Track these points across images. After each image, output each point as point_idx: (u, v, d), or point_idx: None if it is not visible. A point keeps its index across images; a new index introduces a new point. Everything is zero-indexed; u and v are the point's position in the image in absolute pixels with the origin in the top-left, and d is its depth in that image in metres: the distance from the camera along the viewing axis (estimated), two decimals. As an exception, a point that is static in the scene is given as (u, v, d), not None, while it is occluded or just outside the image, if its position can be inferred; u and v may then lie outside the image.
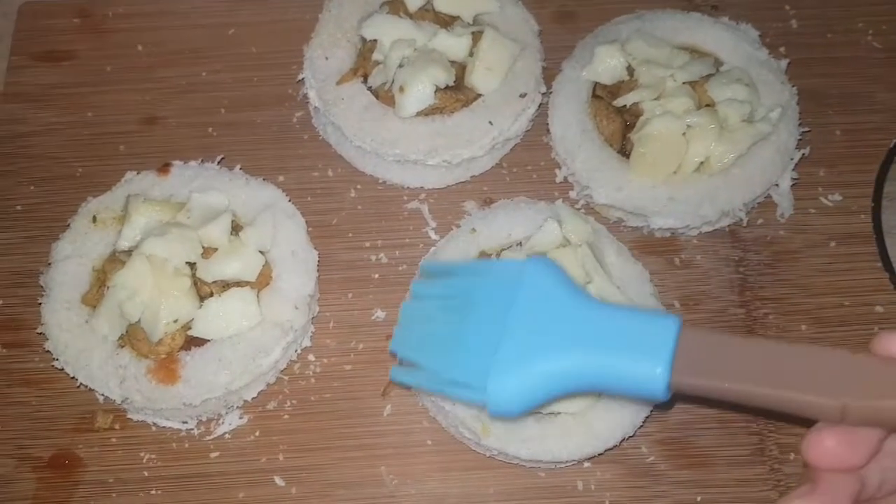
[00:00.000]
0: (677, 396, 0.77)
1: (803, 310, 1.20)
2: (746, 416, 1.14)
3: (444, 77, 1.21)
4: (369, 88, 1.25)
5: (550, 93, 1.28)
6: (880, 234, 1.24)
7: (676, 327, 0.77)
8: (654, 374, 0.76)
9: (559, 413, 1.05)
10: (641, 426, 1.08)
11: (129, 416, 1.13)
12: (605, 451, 1.07)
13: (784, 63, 1.28)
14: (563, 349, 0.81)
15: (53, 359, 1.10)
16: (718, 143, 1.16)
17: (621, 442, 1.07)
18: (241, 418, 1.14)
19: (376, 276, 1.23)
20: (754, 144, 1.19)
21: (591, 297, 0.86)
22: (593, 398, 1.05)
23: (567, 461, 1.07)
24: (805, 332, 1.18)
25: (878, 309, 1.20)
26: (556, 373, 0.81)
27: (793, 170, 1.23)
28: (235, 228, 1.14)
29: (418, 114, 1.22)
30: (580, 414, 1.05)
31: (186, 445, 1.13)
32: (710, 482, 1.11)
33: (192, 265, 1.09)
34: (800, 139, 1.23)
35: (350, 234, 1.26)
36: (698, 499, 1.10)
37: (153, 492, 1.11)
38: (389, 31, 1.24)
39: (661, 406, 0.87)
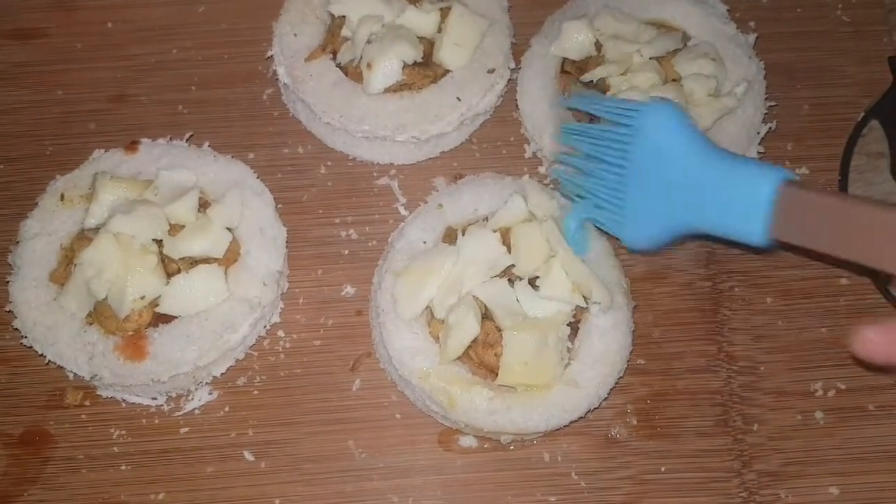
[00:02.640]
0: (777, 245, 0.90)
1: (769, 282, 1.21)
2: (711, 387, 1.15)
3: (412, 53, 1.21)
4: (338, 65, 1.25)
5: (519, 68, 1.28)
6: (846, 207, 1.24)
7: (776, 183, 0.87)
8: (754, 230, 0.88)
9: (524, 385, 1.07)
10: (606, 398, 1.10)
11: (98, 392, 1.14)
12: (571, 422, 1.08)
13: (752, 37, 1.28)
14: (680, 207, 0.96)
15: (22, 336, 1.11)
16: (683, 117, 1.17)
17: (587, 414, 1.09)
18: (210, 394, 1.15)
19: (346, 252, 1.23)
20: (720, 119, 1.19)
21: (705, 144, 0.96)
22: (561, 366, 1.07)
23: (533, 433, 1.08)
24: (770, 305, 1.20)
25: (843, 281, 1.21)
26: (675, 225, 0.98)
27: (760, 144, 1.24)
28: (203, 206, 1.14)
29: (386, 90, 1.22)
30: (545, 386, 1.06)
31: (156, 421, 1.14)
32: (674, 452, 1.12)
33: (159, 242, 1.10)
34: (766, 113, 1.23)
35: (320, 211, 1.26)
36: (663, 469, 1.12)
37: (123, 467, 1.12)
38: (357, 8, 1.24)
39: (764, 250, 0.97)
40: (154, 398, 1.14)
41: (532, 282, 1.08)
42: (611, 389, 1.09)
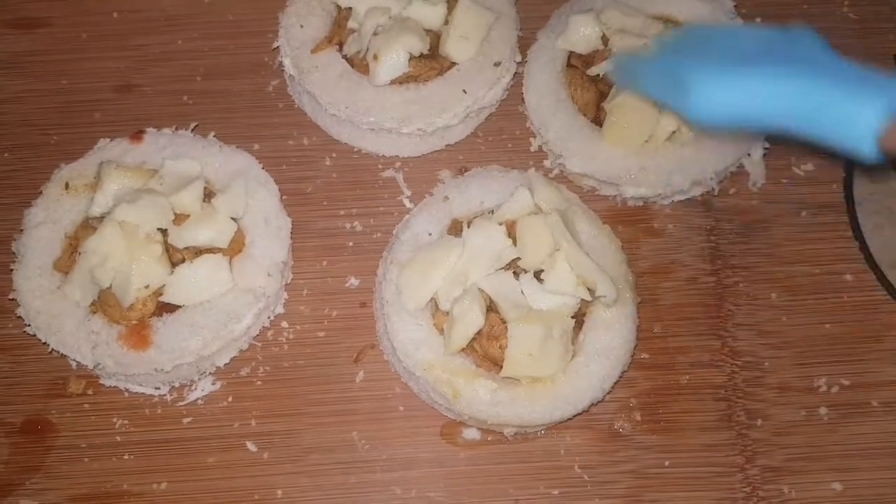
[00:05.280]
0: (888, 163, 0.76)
1: (773, 278, 1.21)
2: (715, 382, 1.15)
3: (419, 45, 1.21)
4: (344, 57, 1.25)
5: (526, 62, 1.28)
6: (851, 203, 1.24)
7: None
8: (863, 115, 0.73)
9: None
10: (610, 392, 1.09)
11: (101, 381, 1.14)
12: (575, 415, 1.08)
13: (759, 33, 1.28)
14: (781, 64, 0.78)
15: (26, 325, 1.11)
16: (690, 111, 1.17)
17: (590, 407, 1.08)
18: (213, 384, 1.15)
19: (350, 243, 1.23)
20: (726, 113, 1.19)
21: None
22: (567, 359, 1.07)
23: (536, 425, 1.08)
24: (775, 300, 1.20)
25: (848, 277, 1.21)
26: (766, 84, 0.78)
27: (765, 140, 1.23)
28: (208, 195, 1.14)
29: (392, 82, 1.22)
30: (549, 379, 1.06)
31: (159, 411, 1.14)
32: (677, 447, 1.12)
33: (163, 231, 1.10)
34: (773, 109, 1.23)
35: (325, 203, 1.26)
36: (666, 463, 1.11)
37: (125, 457, 1.11)
38: (364, -1, 1.24)
39: (871, 170, 0.85)
40: (157, 388, 1.14)
41: (537, 275, 1.07)
42: (615, 383, 1.09)
